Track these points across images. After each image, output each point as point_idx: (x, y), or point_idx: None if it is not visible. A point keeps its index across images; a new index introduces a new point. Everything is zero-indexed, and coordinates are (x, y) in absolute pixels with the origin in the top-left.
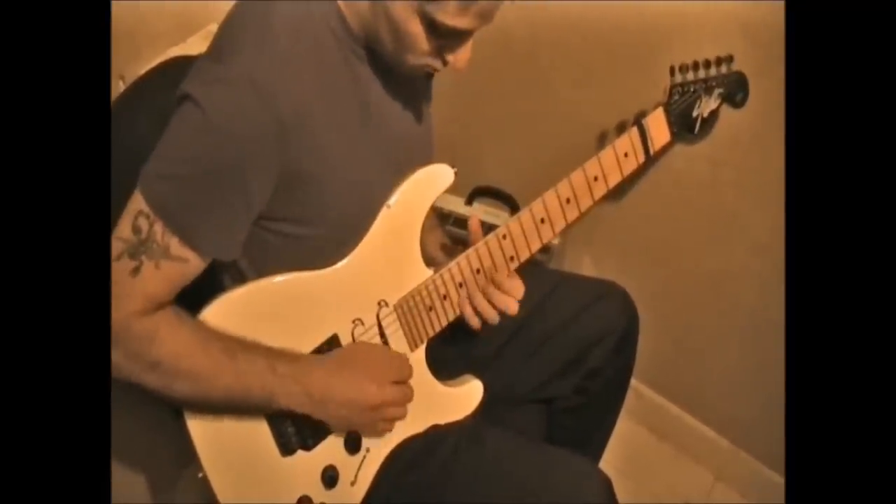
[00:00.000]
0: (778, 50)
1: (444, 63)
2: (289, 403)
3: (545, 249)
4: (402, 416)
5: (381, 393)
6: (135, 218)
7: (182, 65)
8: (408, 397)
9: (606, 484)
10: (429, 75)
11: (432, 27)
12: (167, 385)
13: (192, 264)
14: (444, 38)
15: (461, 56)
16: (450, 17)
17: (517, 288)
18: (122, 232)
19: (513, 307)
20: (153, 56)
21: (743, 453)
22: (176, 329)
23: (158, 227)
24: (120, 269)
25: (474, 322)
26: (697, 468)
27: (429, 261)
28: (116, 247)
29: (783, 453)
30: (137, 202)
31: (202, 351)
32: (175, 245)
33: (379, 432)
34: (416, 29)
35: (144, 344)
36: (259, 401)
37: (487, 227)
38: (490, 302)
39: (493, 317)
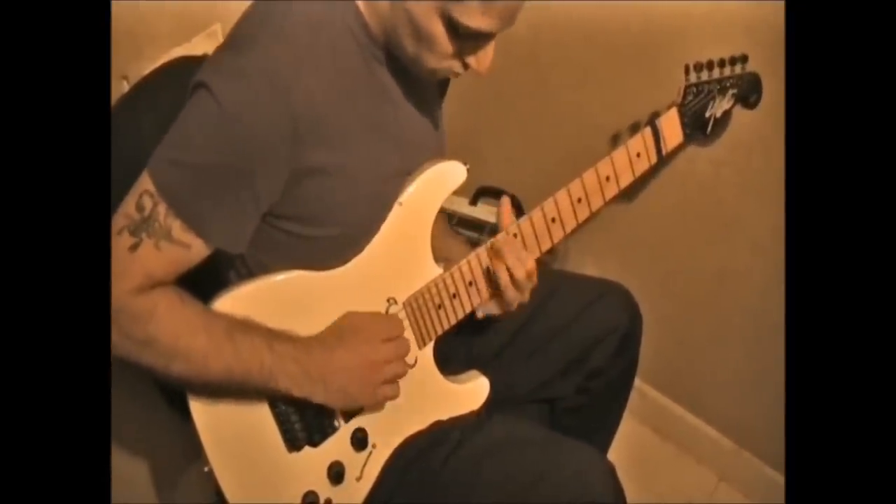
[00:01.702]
0: (781, 51)
1: (465, 66)
2: (287, 384)
3: (551, 250)
4: (401, 373)
5: (374, 351)
6: (140, 196)
7: (186, 65)
8: (402, 351)
9: (610, 469)
10: (445, 81)
11: (453, 28)
12: (165, 365)
13: (194, 251)
14: (466, 40)
15: (483, 59)
16: (471, 18)
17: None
18: (126, 208)
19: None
20: (156, 56)
21: (746, 453)
22: (176, 307)
23: (162, 209)
24: (119, 244)
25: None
26: (701, 468)
27: (441, 251)
28: (118, 222)
29: None
30: (145, 182)
31: (203, 330)
32: (178, 229)
33: (380, 398)
34: (438, 30)
35: (140, 321)
36: (258, 381)
37: (492, 228)
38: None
39: (512, 282)
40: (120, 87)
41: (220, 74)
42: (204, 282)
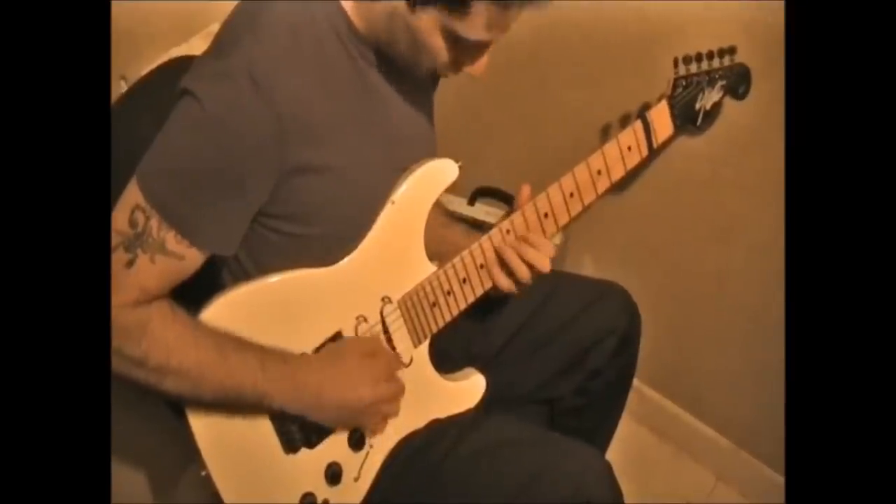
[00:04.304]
0: (779, 50)
1: (459, 70)
2: (281, 403)
3: None
4: (395, 413)
5: (375, 393)
6: (131, 212)
7: (184, 65)
8: (400, 393)
9: (608, 469)
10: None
11: (455, 41)
12: (158, 381)
13: (189, 261)
14: (465, 50)
15: (479, 65)
16: (475, 33)
17: (547, 245)
18: (118, 224)
19: (545, 264)
20: (154, 56)
21: (744, 453)
22: (168, 323)
23: (155, 222)
24: (114, 261)
25: (509, 285)
26: (698, 468)
27: (444, 244)
28: (112, 239)
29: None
30: (134, 195)
31: (193, 347)
32: (171, 240)
33: (372, 429)
34: (439, 43)
35: (133, 337)
36: (251, 399)
37: (490, 228)
38: (523, 259)
39: (525, 276)
40: (118, 88)
41: (203, 79)
42: (198, 281)
